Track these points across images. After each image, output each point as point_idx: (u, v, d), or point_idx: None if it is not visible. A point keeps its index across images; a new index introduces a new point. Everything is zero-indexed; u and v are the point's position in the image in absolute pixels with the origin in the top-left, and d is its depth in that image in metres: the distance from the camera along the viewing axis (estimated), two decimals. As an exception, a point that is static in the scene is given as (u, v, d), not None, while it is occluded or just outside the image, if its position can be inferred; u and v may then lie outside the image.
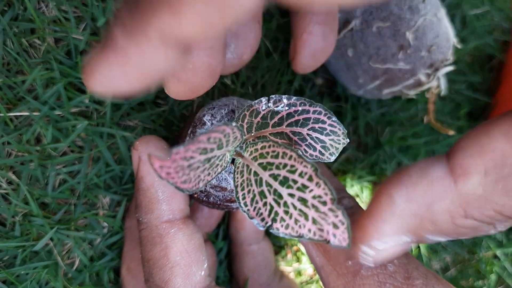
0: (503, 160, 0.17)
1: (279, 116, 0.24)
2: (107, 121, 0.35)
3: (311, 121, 0.24)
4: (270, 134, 0.25)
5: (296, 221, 0.21)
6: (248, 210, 0.22)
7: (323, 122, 0.24)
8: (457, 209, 0.19)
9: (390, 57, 0.37)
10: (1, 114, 0.33)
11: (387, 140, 0.46)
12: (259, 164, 0.22)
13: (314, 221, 0.20)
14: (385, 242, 0.22)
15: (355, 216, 0.24)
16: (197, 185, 0.20)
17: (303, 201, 0.21)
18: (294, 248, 0.45)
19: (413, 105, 0.48)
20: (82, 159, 0.35)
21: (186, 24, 0.14)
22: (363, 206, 0.46)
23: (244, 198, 0.23)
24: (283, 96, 0.24)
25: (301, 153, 0.23)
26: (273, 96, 0.24)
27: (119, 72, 0.17)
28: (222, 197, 0.29)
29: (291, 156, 0.21)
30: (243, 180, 0.23)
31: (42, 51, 0.34)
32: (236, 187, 0.23)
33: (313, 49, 0.32)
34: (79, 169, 0.35)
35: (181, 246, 0.27)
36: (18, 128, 0.34)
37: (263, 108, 0.24)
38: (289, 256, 0.45)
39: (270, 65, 0.42)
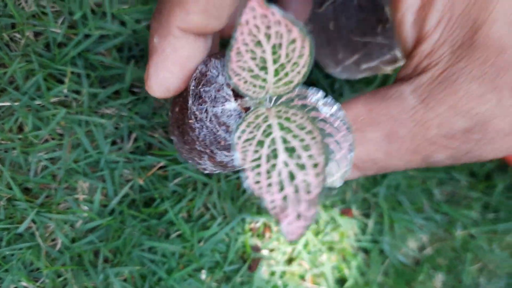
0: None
1: (316, 115, 0.23)
2: (85, 110, 0.37)
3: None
4: None
5: (269, 185, 0.20)
6: (238, 141, 0.20)
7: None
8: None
9: (369, 30, 0.39)
10: (-16, 105, 0.35)
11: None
12: (279, 124, 0.21)
13: (285, 198, 0.20)
14: None
15: None
16: (237, 81, 0.19)
17: (291, 177, 0.20)
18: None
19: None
20: (62, 146, 0.37)
21: (193, 16, 0.19)
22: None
23: (243, 132, 0.20)
24: (338, 104, 0.23)
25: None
26: (330, 97, 0.23)
27: (165, 70, 0.22)
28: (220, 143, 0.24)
29: (315, 137, 0.20)
30: (253, 121, 0.21)
31: (22, 44, 0.36)
32: (242, 119, 0.21)
33: None
34: (60, 155, 0.37)
35: None
36: (1, 117, 0.36)
37: (313, 100, 0.23)
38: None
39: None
